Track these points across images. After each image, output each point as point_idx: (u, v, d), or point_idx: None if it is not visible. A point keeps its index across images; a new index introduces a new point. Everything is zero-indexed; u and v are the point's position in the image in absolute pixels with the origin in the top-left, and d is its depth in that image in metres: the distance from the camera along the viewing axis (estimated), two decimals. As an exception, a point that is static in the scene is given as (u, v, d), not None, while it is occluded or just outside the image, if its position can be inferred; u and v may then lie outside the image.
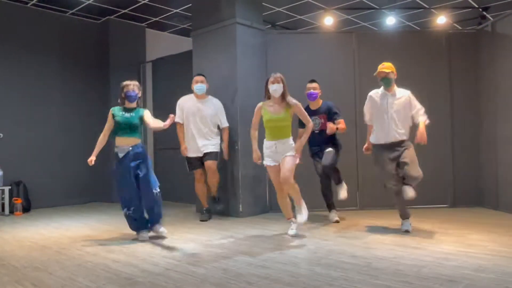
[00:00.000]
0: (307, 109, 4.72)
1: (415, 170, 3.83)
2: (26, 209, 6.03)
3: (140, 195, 3.88)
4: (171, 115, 3.86)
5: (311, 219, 4.80)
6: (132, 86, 3.97)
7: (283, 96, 3.90)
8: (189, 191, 5.85)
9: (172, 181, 6.33)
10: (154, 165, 7.15)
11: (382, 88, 4.09)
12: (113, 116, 3.96)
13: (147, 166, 3.86)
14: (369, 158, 4.47)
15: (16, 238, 4.15)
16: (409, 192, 3.83)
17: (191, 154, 4.91)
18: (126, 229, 4.15)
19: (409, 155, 3.89)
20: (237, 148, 5.11)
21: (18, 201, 5.88)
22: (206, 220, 4.88)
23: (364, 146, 4.36)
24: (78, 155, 6.72)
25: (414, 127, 4.04)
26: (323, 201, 4.76)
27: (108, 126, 4.01)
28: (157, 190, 3.87)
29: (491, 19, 5.86)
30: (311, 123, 4.02)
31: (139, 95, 4.04)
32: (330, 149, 4.50)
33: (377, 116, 4.06)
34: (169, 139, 6.69)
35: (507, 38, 5.03)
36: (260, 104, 4.00)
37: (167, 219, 5.10)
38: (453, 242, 3.55)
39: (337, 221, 4.58)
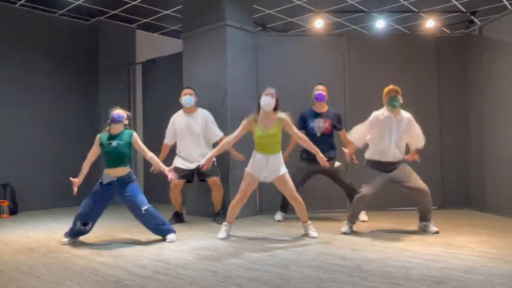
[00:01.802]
0: (310, 111, 4.75)
1: (423, 183, 4.05)
2: (13, 211, 5.95)
3: (95, 220, 3.93)
4: (170, 174, 3.94)
5: (300, 221, 4.81)
6: (116, 110, 3.90)
7: (274, 110, 3.86)
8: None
9: (162, 184, 6.28)
10: (143, 167, 7.13)
11: (385, 108, 4.05)
12: (100, 144, 3.88)
13: (132, 189, 3.83)
14: (359, 160, 4.49)
15: (3, 241, 4.09)
16: (434, 228, 4.04)
17: (183, 166, 4.80)
18: (115, 232, 4.12)
19: (412, 172, 4.06)
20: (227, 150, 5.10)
21: (5, 203, 5.80)
22: (173, 224, 4.65)
23: (348, 151, 4.28)
24: (66, 157, 6.66)
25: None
26: (320, 203, 4.82)
27: (93, 152, 3.93)
28: (144, 207, 3.81)
29: (479, 23, 5.93)
30: (305, 137, 4.01)
31: (125, 119, 3.92)
32: (338, 163, 4.66)
33: (379, 136, 4.02)
34: (158, 142, 6.66)
35: (494, 42, 5.11)
36: (251, 117, 3.92)
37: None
38: (441, 243, 3.58)
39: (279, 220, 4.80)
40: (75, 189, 3.84)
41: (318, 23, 6.66)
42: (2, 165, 6.08)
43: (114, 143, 3.82)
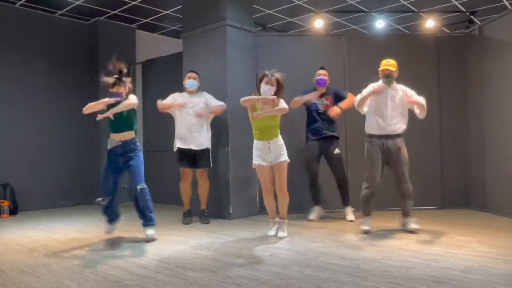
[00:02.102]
0: (313, 90, 4.87)
1: (410, 187, 4.05)
2: (13, 211, 5.94)
3: (116, 190, 3.97)
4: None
5: (301, 221, 4.82)
6: (117, 88, 3.98)
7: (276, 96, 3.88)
8: (178, 193, 5.82)
9: (161, 183, 6.30)
10: (144, 167, 7.12)
11: (381, 81, 4.11)
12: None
13: (136, 160, 3.88)
14: (361, 161, 4.50)
15: (3, 241, 4.10)
16: (414, 225, 4.05)
17: (184, 145, 4.83)
18: (115, 232, 4.12)
19: (404, 161, 4.02)
20: (227, 150, 5.11)
21: (5, 204, 5.80)
22: (189, 223, 4.83)
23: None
24: (66, 157, 6.67)
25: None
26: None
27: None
28: (141, 185, 3.86)
29: (478, 23, 5.94)
30: (286, 106, 3.94)
31: (124, 94, 3.98)
32: (338, 150, 4.79)
33: (376, 108, 4.07)
34: (158, 141, 6.66)
35: (494, 42, 5.11)
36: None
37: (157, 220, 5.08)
38: (441, 243, 3.58)
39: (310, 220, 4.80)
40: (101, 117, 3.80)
41: (318, 23, 6.66)
42: (2, 165, 6.08)
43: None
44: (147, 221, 3.96)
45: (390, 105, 4.04)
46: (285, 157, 3.91)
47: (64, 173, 6.65)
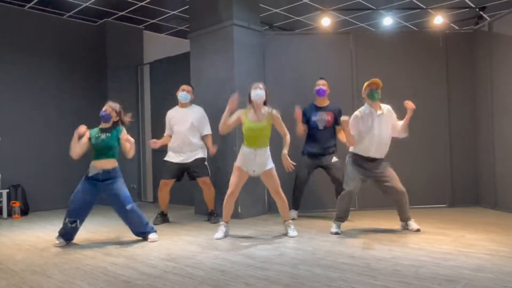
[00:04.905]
0: (312, 105, 4.85)
1: (400, 185, 3.98)
2: (24, 212, 6.02)
3: (87, 212, 3.95)
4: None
5: (309, 220, 4.81)
6: (106, 106, 3.97)
7: (265, 103, 3.94)
8: (187, 194, 5.85)
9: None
10: (152, 168, 7.16)
11: (366, 105, 4.03)
12: (90, 138, 3.97)
13: (118, 185, 3.87)
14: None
15: (14, 242, 4.15)
16: (415, 225, 4.03)
17: (174, 159, 4.86)
18: (125, 232, 4.15)
19: (392, 174, 4.00)
20: (235, 150, 5.11)
21: (16, 204, 5.87)
22: (157, 224, 4.75)
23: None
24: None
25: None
26: (328, 202, 4.82)
27: (81, 144, 3.99)
28: (129, 205, 3.86)
29: (488, 19, 5.87)
30: (288, 136, 3.97)
31: (112, 115, 3.97)
32: (335, 159, 4.75)
33: (363, 133, 3.98)
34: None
35: (504, 38, 5.05)
36: (241, 110, 4.00)
37: (165, 221, 5.11)
38: (451, 242, 3.55)
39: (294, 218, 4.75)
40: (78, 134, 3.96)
41: (325, 21, 6.64)
42: (13, 166, 6.15)
43: (103, 136, 3.93)
44: (148, 232, 3.95)
45: (379, 128, 3.94)
46: (271, 165, 3.95)
47: (74, 173, 6.69)
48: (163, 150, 5.20)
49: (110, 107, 3.98)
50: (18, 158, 6.24)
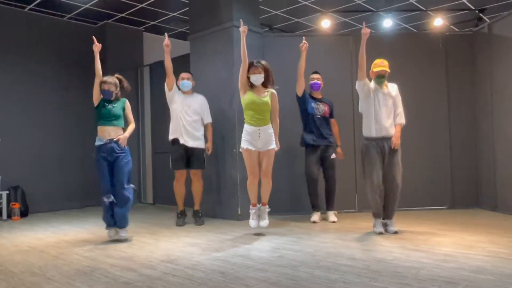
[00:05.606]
0: (310, 96, 4.92)
1: (400, 178, 3.97)
2: (24, 213, 6.01)
3: (112, 185, 4.02)
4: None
5: (309, 221, 4.80)
6: (108, 85, 4.11)
7: (264, 85, 4.02)
8: (186, 195, 5.83)
9: (170, 185, 6.30)
10: (152, 168, 7.16)
11: (372, 82, 4.07)
12: (97, 106, 4.12)
13: (127, 161, 4.03)
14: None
15: (14, 243, 4.14)
16: (393, 228, 4.01)
17: (181, 140, 4.86)
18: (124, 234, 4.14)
19: (398, 165, 3.97)
20: (235, 151, 5.11)
21: (16, 206, 5.86)
22: (182, 225, 4.80)
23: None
24: (75, 159, 6.72)
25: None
26: (323, 203, 4.83)
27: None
28: (127, 186, 3.97)
29: (488, 21, 5.88)
30: (277, 120, 4.09)
31: (116, 91, 4.16)
32: (334, 155, 4.83)
33: (369, 109, 4.02)
34: (167, 143, 6.67)
35: (503, 40, 5.06)
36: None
37: (166, 222, 5.11)
38: (451, 243, 3.55)
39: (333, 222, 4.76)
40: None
41: (325, 23, 6.65)
42: (13, 168, 6.14)
43: (109, 106, 4.10)
44: (125, 224, 4.03)
45: (384, 106, 3.98)
46: (273, 145, 4.02)
47: (74, 175, 6.71)
48: (163, 151, 5.22)
49: (109, 83, 4.13)
50: (18, 160, 6.23)
